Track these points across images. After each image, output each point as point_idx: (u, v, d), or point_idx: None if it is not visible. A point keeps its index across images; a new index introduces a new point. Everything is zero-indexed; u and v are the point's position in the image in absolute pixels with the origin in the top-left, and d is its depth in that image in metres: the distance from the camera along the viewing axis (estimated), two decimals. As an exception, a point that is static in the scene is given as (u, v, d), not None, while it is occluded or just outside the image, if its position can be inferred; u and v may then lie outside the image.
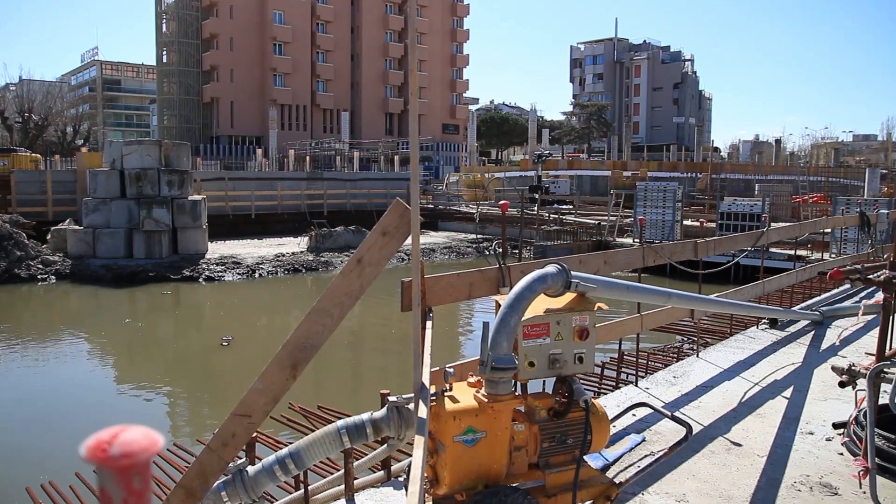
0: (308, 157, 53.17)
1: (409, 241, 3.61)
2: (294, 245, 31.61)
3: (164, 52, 79.20)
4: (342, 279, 3.51)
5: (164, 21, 78.50)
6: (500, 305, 3.88)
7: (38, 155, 41.89)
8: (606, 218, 31.00)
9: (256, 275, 26.05)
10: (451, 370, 3.69)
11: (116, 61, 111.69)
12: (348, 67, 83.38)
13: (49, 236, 27.86)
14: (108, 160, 28.78)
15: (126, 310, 21.85)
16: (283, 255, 28.74)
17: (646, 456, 5.43)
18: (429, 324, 4.01)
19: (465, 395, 3.67)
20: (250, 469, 4.20)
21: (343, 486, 4.83)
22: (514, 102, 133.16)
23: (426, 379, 3.47)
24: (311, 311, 3.49)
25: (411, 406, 4.07)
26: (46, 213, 31.34)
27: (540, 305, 3.85)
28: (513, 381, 3.75)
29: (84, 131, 79.85)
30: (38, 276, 24.69)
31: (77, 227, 27.88)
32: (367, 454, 5.21)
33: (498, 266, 4.70)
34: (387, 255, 3.54)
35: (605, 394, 7.37)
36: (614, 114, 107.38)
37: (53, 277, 24.87)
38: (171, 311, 22.04)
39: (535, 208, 36.06)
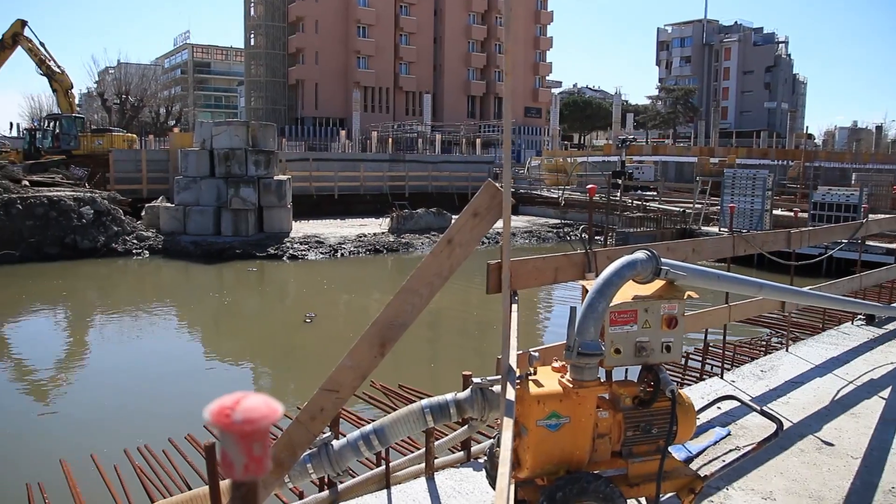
0: (390, 139, 53.65)
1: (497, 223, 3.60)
2: (375, 226, 32.02)
3: (252, 36, 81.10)
4: (432, 259, 3.53)
5: (253, 5, 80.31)
6: (586, 291, 3.84)
7: (133, 135, 43.52)
8: (691, 205, 30.21)
9: (338, 254, 26.53)
10: (536, 354, 3.67)
11: (207, 45, 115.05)
12: (431, 50, 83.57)
13: (143, 213, 29.08)
14: (198, 140, 29.75)
15: (213, 285, 22.62)
16: (365, 236, 29.16)
17: (731, 450, 5.29)
18: (514, 307, 3.99)
19: (549, 379, 3.64)
20: (335, 443, 4.28)
21: (423, 465, 4.88)
22: (597, 86, 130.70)
23: (513, 361, 3.47)
24: (401, 291, 3.53)
25: (494, 388, 4.08)
26: (141, 191, 32.67)
27: (628, 292, 3.78)
28: (598, 367, 3.71)
29: (176, 112, 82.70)
30: (133, 251, 25.83)
31: (169, 204, 29.00)
32: (446, 434, 5.26)
33: (584, 251, 4.64)
34: (477, 236, 3.54)
35: (689, 385, 7.21)
36: (702, 98, 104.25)
37: (147, 252, 25.97)
38: (256, 288, 22.67)
39: (618, 194, 35.46)
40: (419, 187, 40.81)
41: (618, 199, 33.63)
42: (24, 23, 38.97)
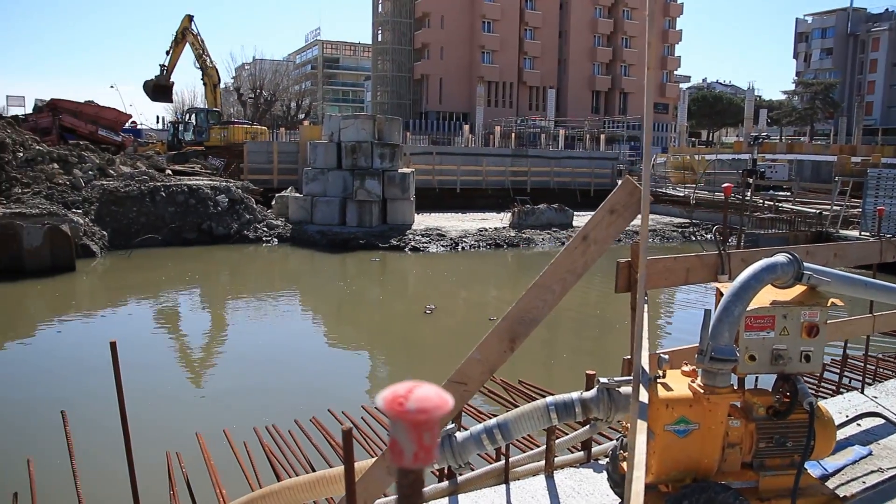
0: (513, 134, 53.58)
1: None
2: (496, 220, 32.10)
3: (380, 32, 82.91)
4: (566, 255, 3.49)
5: (381, 2, 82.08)
6: (721, 294, 3.70)
7: (260, 127, 45.47)
8: (829, 207, 28.52)
9: (459, 247, 26.79)
10: (666, 357, 3.57)
11: (336, 41, 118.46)
12: (556, 44, 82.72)
13: (273, 202, 30.42)
14: (326, 133, 30.77)
15: (337, 274, 23.34)
16: (486, 230, 29.29)
17: (872, 472, 4.96)
18: (644, 307, 3.90)
19: (679, 383, 3.54)
20: (458, 435, 4.32)
21: (542, 463, 4.85)
22: (728, 80, 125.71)
23: (645, 363, 3.39)
24: (533, 286, 3.51)
25: (622, 390, 4.00)
26: (272, 181, 34.16)
27: (765, 297, 3.62)
28: (730, 374, 3.57)
29: (305, 106, 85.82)
30: (263, 238, 27.07)
31: (297, 194, 30.18)
32: (567, 433, 5.20)
33: (717, 252, 4.47)
34: (613, 233, 3.48)
35: (825, 398, 6.81)
36: (843, 93, 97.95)
37: (276, 240, 27.15)
38: (377, 278, 23.22)
39: (749, 193, 33.95)
40: (541, 183, 40.55)
41: (749, 199, 32.16)
42: (190, 18, 41.68)
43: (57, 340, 14.72)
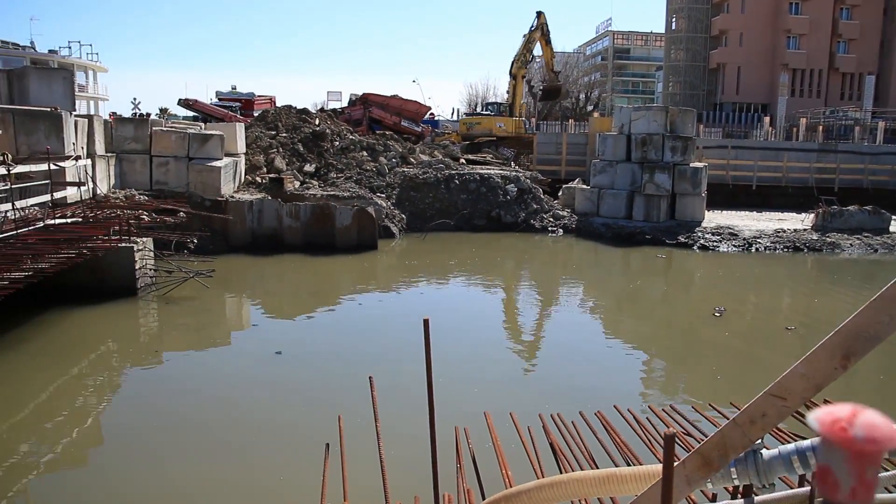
0: (820, 127, 48.77)
1: None
2: (796, 221, 29.47)
3: (674, 19, 79.93)
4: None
5: (677, -12, 79.06)
6: None
7: (515, 119, 46.14)
8: None
9: (753, 248, 25.05)
10: None
11: (627, 31, 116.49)
12: (878, 24, 73.61)
13: (560, 193, 30.81)
14: (616, 125, 30.39)
15: (620, 268, 23.04)
16: (784, 231, 27.02)
17: None
18: None
19: None
20: (765, 452, 4.03)
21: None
22: None
23: None
24: (878, 298, 3.14)
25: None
26: (559, 172, 34.61)
27: None
28: None
29: (594, 98, 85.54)
30: (549, 228, 27.56)
31: (584, 186, 30.23)
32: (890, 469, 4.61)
33: None
34: None
35: None
36: None
37: (560, 231, 27.48)
38: (662, 275, 22.51)
39: None
40: (851, 181, 36.40)
41: None
42: (542, 13, 44.41)
43: (359, 311, 16.30)
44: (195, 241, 19.68)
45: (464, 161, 32.63)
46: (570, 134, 40.77)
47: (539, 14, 44.04)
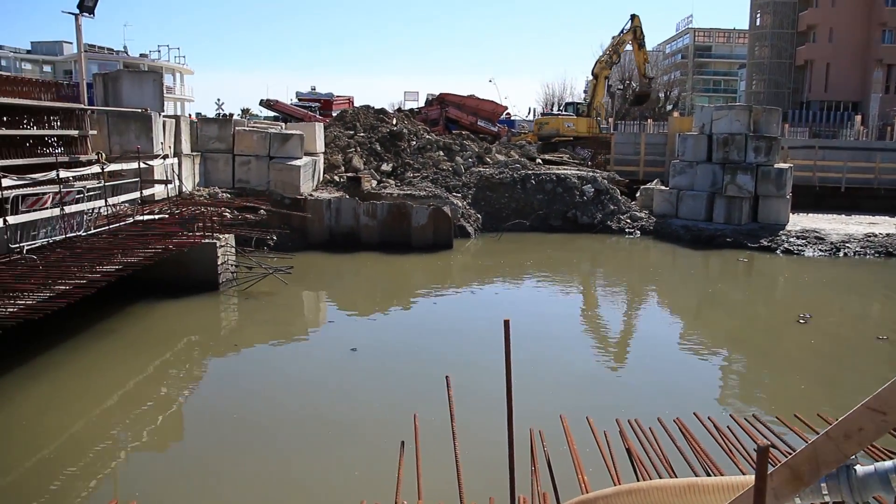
0: (918, 127, 46.47)
1: None
2: (889, 225, 28.11)
3: (759, 15, 77.45)
4: None
5: (763, -17, 76.59)
6: None
7: (587, 118, 45.43)
8: None
9: (840, 253, 24.04)
10: None
11: (708, 28, 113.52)
12: (984, 16, 69.54)
13: (638, 194, 30.27)
14: (697, 125, 29.64)
15: (699, 271, 22.46)
16: (875, 236, 25.79)
17: None
18: None
19: None
20: (859, 468, 3.84)
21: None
22: None
23: None
24: None
25: None
26: (637, 173, 34.01)
27: None
28: None
29: (674, 97, 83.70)
30: (626, 230, 27.12)
31: (663, 187, 29.62)
32: None
33: None
34: None
35: None
36: None
37: (638, 232, 27.00)
38: (743, 279, 21.85)
39: None
40: (950, 183, 34.52)
41: None
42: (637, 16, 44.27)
43: (435, 310, 16.37)
44: (275, 238, 20.18)
45: (540, 161, 32.41)
46: (648, 134, 39.96)
47: (633, 17, 43.41)
